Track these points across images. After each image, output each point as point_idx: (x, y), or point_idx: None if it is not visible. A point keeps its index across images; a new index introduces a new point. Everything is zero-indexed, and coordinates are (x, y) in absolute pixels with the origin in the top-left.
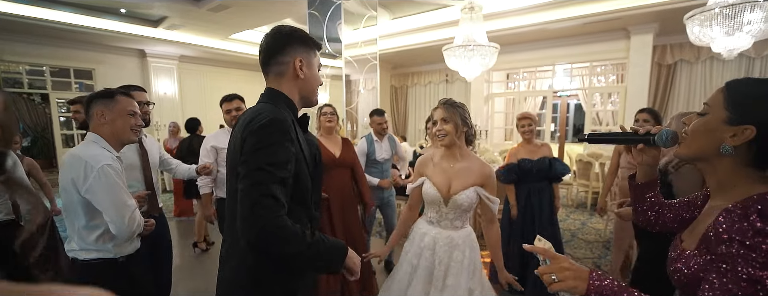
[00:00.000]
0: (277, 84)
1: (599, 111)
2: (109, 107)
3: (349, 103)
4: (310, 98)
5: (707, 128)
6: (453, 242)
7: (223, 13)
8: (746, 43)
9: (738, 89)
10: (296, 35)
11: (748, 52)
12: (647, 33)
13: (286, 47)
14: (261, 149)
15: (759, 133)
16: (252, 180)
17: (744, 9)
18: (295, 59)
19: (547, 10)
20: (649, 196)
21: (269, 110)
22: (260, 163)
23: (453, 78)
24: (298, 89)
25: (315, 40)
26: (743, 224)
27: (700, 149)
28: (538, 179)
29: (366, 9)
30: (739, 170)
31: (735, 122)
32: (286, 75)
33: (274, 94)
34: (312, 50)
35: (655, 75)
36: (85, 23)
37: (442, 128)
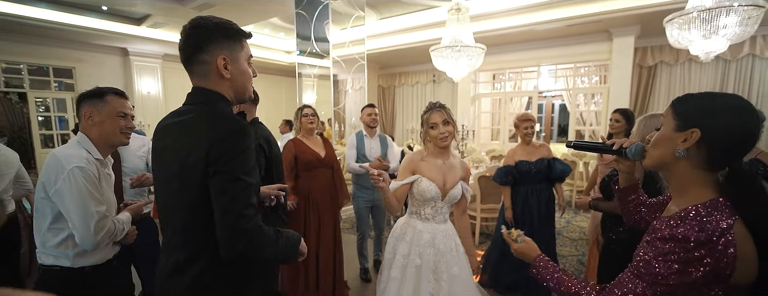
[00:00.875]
0: (204, 83)
1: (583, 111)
2: (98, 107)
3: (337, 103)
4: (243, 94)
5: (663, 138)
6: (448, 234)
7: (207, 11)
8: (722, 46)
9: (682, 102)
10: (218, 29)
11: (725, 55)
12: (629, 35)
13: (206, 45)
14: (235, 157)
15: (703, 134)
16: (232, 193)
17: (720, 13)
18: (217, 58)
19: (532, 11)
20: (631, 198)
21: (225, 115)
22: (237, 173)
23: (440, 78)
24: (227, 88)
25: (241, 30)
26: (665, 230)
27: (660, 157)
28: (537, 181)
29: (353, 9)
30: (693, 173)
31: (683, 128)
32: (210, 74)
33: (208, 94)
34: (237, 42)
35: (636, 76)
36: (65, 20)
37: (445, 130)
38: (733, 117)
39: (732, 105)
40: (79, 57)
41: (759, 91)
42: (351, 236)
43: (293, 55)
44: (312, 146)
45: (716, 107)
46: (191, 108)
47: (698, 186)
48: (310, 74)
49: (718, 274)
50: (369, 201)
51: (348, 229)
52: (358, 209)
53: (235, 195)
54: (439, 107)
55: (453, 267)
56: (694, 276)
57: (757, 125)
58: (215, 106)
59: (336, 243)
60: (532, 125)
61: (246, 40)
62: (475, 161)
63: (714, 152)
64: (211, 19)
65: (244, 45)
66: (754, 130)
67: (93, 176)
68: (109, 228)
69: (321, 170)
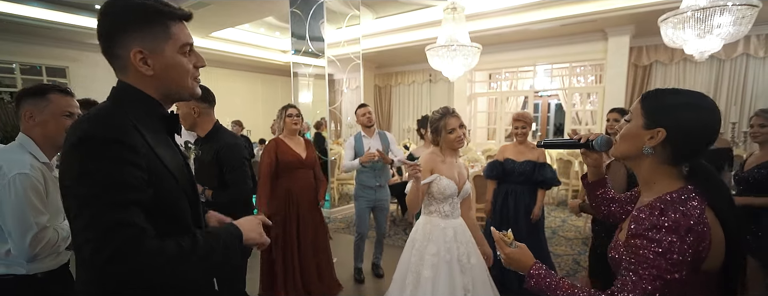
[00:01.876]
0: (125, 77)
1: (579, 111)
2: (40, 106)
3: (333, 102)
4: (178, 91)
5: (631, 133)
6: (464, 227)
7: (203, 10)
8: (716, 46)
9: (650, 99)
10: (130, 14)
11: (719, 55)
12: (624, 35)
13: (115, 36)
14: (82, 173)
15: (669, 134)
16: (86, 218)
17: (714, 13)
18: (131, 53)
19: (527, 11)
20: (599, 193)
21: (99, 116)
22: (93, 189)
23: (436, 78)
24: (152, 87)
25: (168, 10)
26: (648, 220)
27: (627, 150)
28: (519, 182)
29: (349, 8)
30: (658, 167)
31: (650, 127)
32: (129, 70)
33: (122, 90)
34: (162, 30)
35: (631, 76)
36: (58, 19)
37: (461, 133)
38: (696, 118)
39: (696, 105)
40: (72, 56)
41: (753, 90)
42: (348, 236)
43: (288, 55)
44: (293, 146)
45: (681, 106)
46: (96, 106)
47: (665, 178)
48: (305, 73)
49: (697, 258)
50: (371, 201)
51: (344, 229)
52: (360, 209)
53: (90, 220)
54: (453, 112)
55: (472, 258)
56: (687, 263)
57: (719, 124)
58: (121, 105)
59: (318, 243)
60: (523, 124)
61: (178, 24)
62: (470, 160)
63: (678, 149)
64: (122, 2)
65: (172, 32)
66: (716, 128)
67: (37, 183)
68: (49, 239)
69: (301, 171)
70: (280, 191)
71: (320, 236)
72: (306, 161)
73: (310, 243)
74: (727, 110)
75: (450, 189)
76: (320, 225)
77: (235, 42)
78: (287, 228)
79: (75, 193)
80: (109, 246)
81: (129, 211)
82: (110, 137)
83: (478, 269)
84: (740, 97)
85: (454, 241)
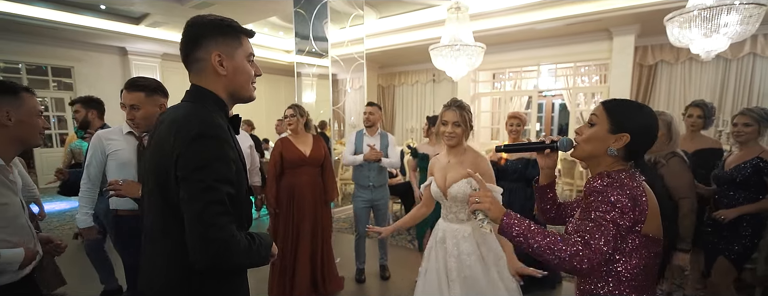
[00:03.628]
0: (199, 80)
1: (583, 111)
2: (15, 106)
3: (336, 102)
4: (241, 94)
5: (597, 136)
6: (460, 234)
7: (206, 10)
8: (723, 45)
9: (615, 107)
10: (213, 25)
11: (725, 54)
12: (629, 34)
13: (200, 41)
14: (203, 164)
15: (632, 138)
16: (201, 202)
17: (721, 12)
18: (212, 55)
19: (531, 10)
20: (550, 196)
21: (199, 115)
22: (206, 181)
23: (440, 78)
24: (222, 87)
25: (240, 27)
26: (594, 184)
27: (592, 151)
28: (513, 181)
29: (352, 8)
30: (615, 163)
31: (616, 131)
32: (206, 72)
33: (199, 92)
34: (235, 40)
35: (636, 75)
36: (63, 20)
37: (453, 131)
38: (651, 124)
39: (649, 114)
40: (77, 56)
41: (760, 90)
42: (349, 236)
43: (292, 55)
44: (298, 144)
45: (640, 115)
46: (180, 105)
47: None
48: (309, 73)
49: (636, 220)
50: (368, 201)
51: (347, 229)
52: (357, 208)
53: (206, 204)
54: (457, 106)
55: (462, 270)
56: (631, 214)
57: (658, 129)
58: (202, 105)
59: (318, 240)
60: (517, 122)
61: (246, 38)
62: None
63: (633, 150)
64: (208, 16)
65: (242, 42)
66: (656, 133)
67: None
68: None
69: (305, 168)
70: (285, 188)
71: (323, 232)
72: (309, 159)
73: (310, 238)
74: (735, 110)
75: (434, 192)
76: (324, 221)
77: None
78: (288, 222)
79: (191, 182)
80: (213, 228)
81: (226, 202)
82: (221, 137)
83: (472, 284)
84: (747, 97)
85: (442, 244)
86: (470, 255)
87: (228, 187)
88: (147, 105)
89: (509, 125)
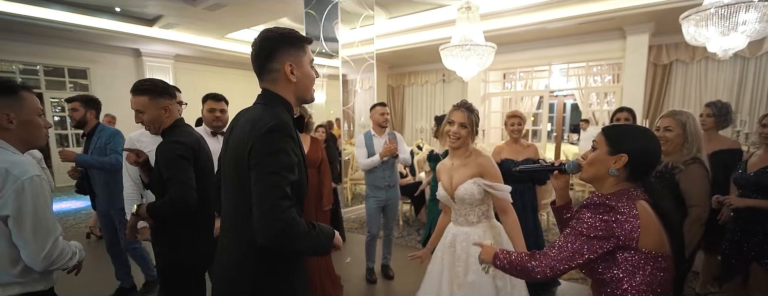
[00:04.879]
0: (270, 86)
1: (595, 111)
2: (17, 106)
3: (346, 102)
4: (306, 96)
5: (598, 158)
6: (469, 237)
7: (218, 11)
8: (741, 43)
9: (612, 131)
10: (283, 39)
11: (743, 53)
12: (643, 33)
13: (273, 54)
14: (270, 153)
15: (630, 158)
16: (267, 185)
17: (739, 9)
18: (284, 65)
19: (543, 9)
20: (566, 217)
21: (272, 114)
22: (273, 167)
23: (450, 78)
24: (292, 91)
25: (303, 36)
26: (582, 207)
27: (595, 172)
28: (520, 181)
29: (363, 8)
30: (619, 184)
31: (614, 153)
32: (279, 80)
33: (271, 96)
34: (301, 49)
35: (650, 75)
36: (79, 22)
37: (458, 131)
38: (648, 145)
39: (646, 135)
40: (93, 58)
41: None
42: (361, 236)
43: None
44: None
45: (637, 136)
46: (253, 107)
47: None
48: (319, 73)
49: (628, 237)
50: (381, 201)
51: (357, 229)
52: (370, 209)
53: (270, 186)
54: (466, 108)
55: (469, 275)
56: (603, 233)
57: (660, 149)
58: (274, 106)
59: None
60: (518, 121)
61: (308, 46)
62: None
63: (635, 169)
64: (277, 30)
65: (306, 50)
66: (659, 153)
67: (48, 185)
68: (63, 247)
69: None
70: None
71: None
72: (306, 161)
73: None
74: (753, 110)
75: (442, 196)
76: (325, 221)
77: (250, 43)
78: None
79: (260, 167)
80: (275, 210)
81: (287, 188)
82: (287, 132)
83: (477, 288)
84: (766, 96)
85: (450, 247)
86: (472, 257)
87: (291, 175)
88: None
89: (510, 124)
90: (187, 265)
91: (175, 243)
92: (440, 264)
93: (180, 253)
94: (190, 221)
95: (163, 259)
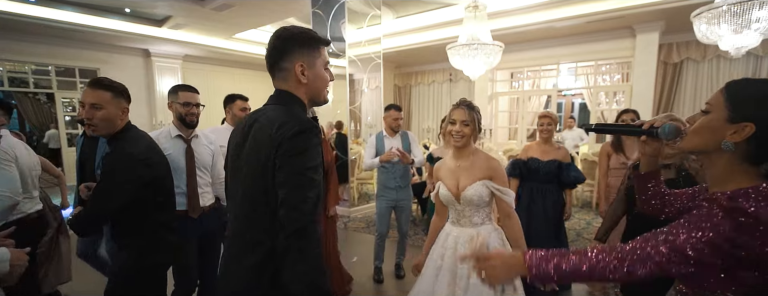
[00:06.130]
0: (283, 86)
1: (604, 110)
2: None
3: (353, 102)
4: (318, 98)
5: (710, 125)
6: (473, 239)
7: (226, 12)
8: (754, 41)
9: (738, 89)
10: (296, 38)
11: (756, 51)
12: (653, 31)
13: (285, 53)
14: (299, 154)
15: (758, 130)
16: (293, 184)
17: (753, 6)
18: (295, 65)
19: (551, 8)
20: (651, 185)
21: (293, 114)
22: (299, 168)
23: (457, 77)
24: (303, 92)
25: (319, 37)
26: (720, 197)
27: (701, 143)
28: (545, 181)
29: (370, 8)
30: (736, 165)
31: (736, 120)
32: (290, 80)
33: (286, 96)
34: (315, 50)
35: (660, 74)
36: (90, 23)
37: (461, 130)
38: None
39: None
40: (103, 58)
41: None
42: (368, 235)
43: None
44: None
45: None
46: (269, 107)
47: (742, 177)
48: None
49: (759, 252)
50: (391, 201)
51: (363, 228)
52: (380, 208)
53: (297, 186)
54: (467, 106)
55: (472, 276)
56: (743, 253)
57: None
58: (291, 107)
59: (329, 245)
60: (548, 122)
61: (324, 48)
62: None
63: (764, 147)
64: (292, 28)
65: (321, 52)
66: None
67: None
68: None
69: None
70: None
71: (327, 239)
72: None
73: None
74: None
75: (444, 197)
76: (326, 228)
77: (257, 43)
78: None
79: (287, 167)
80: (305, 202)
81: (313, 189)
82: (315, 132)
83: (480, 291)
84: None
85: (451, 250)
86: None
87: (316, 175)
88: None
89: (540, 124)
90: (150, 266)
91: (139, 246)
92: (436, 266)
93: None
94: (145, 227)
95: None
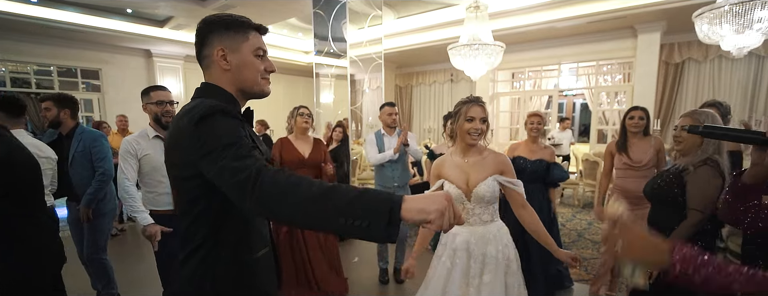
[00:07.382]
0: (208, 77)
1: (606, 110)
2: None
3: (354, 102)
4: (250, 88)
5: None
6: (485, 237)
7: (228, 12)
8: (756, 41)
9: None
10: (216, 22)
11: (758, 51)
12: (654, 31)
13: (205, 39)
14: (212, 135)
15: None
16: (222, 160)
17: (755, 6)
18: (215, 50)
19: (552, 8)
20: (752, 197)
21: (205, 102)
22: (218, 144)
23: (458, 77)
24: (228, 81)
25: (246, 21)
26: None
27: None
28: (530, 181)
29: (371, 8)
30: None
31: None
32: (212, 68)
33: (206, 88)
34: (240, 34)
35: (662, 74)
36: (91, 23)
37: (480, 127)
38: None
39: None
40: (105, 59)
41: None
42: None
43: (311, 56)
44: (298, 146)
45: None
46: (190, 102)
47: None
48: (327, 73)
49: None
50: None
51: None
52: None
53: (225, 159)
54: (481, 102)
55: (485, 274)
56: None
57: None
58: (213, 98)
59: (317, 243)
60: (538, 120)
61: (256, 33)
62: None
63: None
64: (213, 15)
65: (249, 37)
66: None
67: None
68: None
69: (303, 170)
70: None
71: (325, 237)
72: (307, 161)
73: (312, 242)
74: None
75: (457, 194)
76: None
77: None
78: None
79: (208, 156)
80: (237, 170)
81: (244, 148)
82: (224, 112)
83: (491, 289)
84: None
85: (462, 250)
86: (493, 258)
87: (241, 149)
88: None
89: (529, 123)
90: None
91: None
92: (446, 269)
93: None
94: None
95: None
